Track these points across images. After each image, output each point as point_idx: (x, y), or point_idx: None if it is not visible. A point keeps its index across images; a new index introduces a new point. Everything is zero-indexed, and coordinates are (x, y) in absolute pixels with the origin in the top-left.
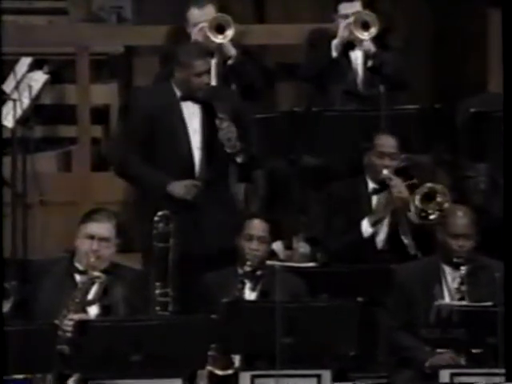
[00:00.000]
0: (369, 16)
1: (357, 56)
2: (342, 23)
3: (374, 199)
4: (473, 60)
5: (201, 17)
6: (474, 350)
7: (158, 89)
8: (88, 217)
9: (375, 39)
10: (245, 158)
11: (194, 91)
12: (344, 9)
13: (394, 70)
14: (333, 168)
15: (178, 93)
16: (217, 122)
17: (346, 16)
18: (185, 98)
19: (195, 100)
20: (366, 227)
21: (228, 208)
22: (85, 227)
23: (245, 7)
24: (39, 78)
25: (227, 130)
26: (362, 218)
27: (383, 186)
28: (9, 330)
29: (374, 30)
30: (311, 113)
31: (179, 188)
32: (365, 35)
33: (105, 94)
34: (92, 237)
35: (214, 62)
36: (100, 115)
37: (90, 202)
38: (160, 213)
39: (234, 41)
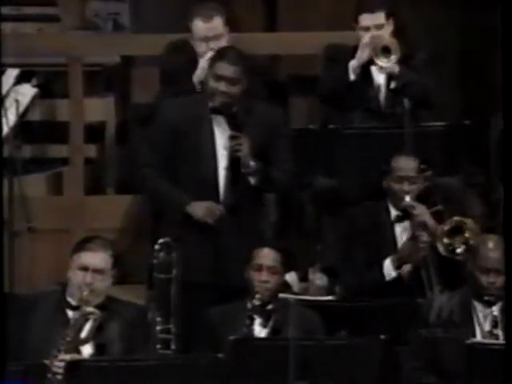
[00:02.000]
0: (390, 41)
1: (378, 73)
2: (361, 43)
3: (398, 228)
4: None
5: (208, 31)
6: None
7: (189, 100)
8: (81, 246)
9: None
10: (258, 180)
11: (213, 96)
12: (365, 20)
13: (418, 89)
14: (351, 191)
15: (210, 104)
16: (228, 138)
17: (368, 28)
18: (214, 111)
19: (224, 114)
20: (388, 269)
21: (250, 237)
22: (78, 257)
23: (254, 15)
24: (27, 91)
25: (235, 147)
26: (384, 248)
27: (406, 213)
28: None
29: (395, 57)
30: (327, 130)
31: (200, 209)
32: (385, 62)
33: (100, 109)
34: (86, 268)
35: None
36: (94, 133)
37: (84, 229)
38: (161, 240)
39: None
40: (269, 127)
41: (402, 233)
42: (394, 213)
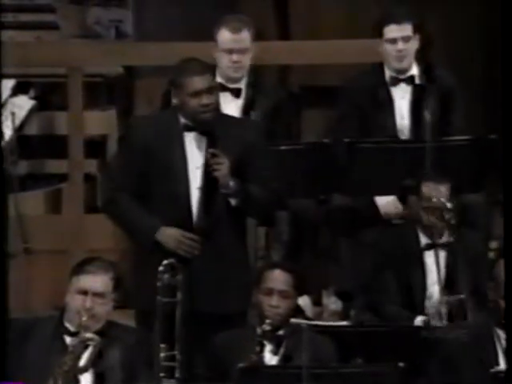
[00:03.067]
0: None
1: (402, 88)
2: (388, 59)
3: (428, 257)
4: None
5: (234, 43)
6: None
7: (160, 116)
8: (80, 268)
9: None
10: (240, 201)
11: (194, 116)
12: (391, 32)
13: (442, 106)
14: (369, 210)
15: (182, 120)
16: (207, 155)
17: (394, 40)
18: (188, 128)
19: (198, 131)
20: (417, 322)
21: (229, 264)
22: (77, 280)
23: (267, 23)
24: (24, 103)
25: (214, 166)
26: (412, 278)
27: (437, 242)
28: None
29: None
30: (343, 144)
31: (171, 240)
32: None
33: (101, 122)
34: (85, 292)
35: (244, 82)
36: (95, 147)
37: (83, 249)
38: (165, 262)
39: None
40: (246, 142)
41: (432, 262)
42: (423, 240)
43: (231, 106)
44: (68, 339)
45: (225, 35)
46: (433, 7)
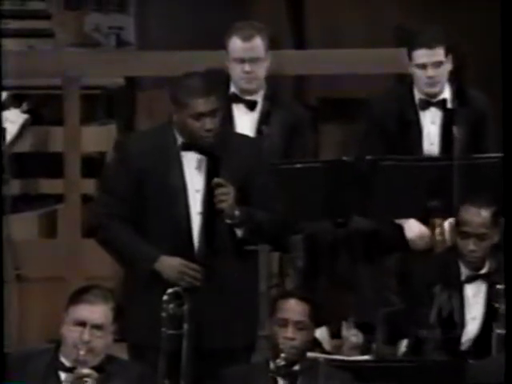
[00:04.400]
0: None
1: (432, 112)
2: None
3: (468, 290)
4: None
5: (245, 52)
6: None
7: (154, 134)
8: (78, 297)
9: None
10: (246, 231)
11: (196, 139)
12: (422, 57)
13: (474, 132)
14: (392, 234)
15: (180, 140)
16: (212, 185)
17: (424, 66)
18: (186, 147)
19: (198, 150)
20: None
21: (233, 297)
22: (73, 311)
23: (281, 30)
24: (16, 118)
25: (220, 197)
26: (453, 311)
27: (479, 274)
28: None
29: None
30: (364, 162)
31: (171, 271)
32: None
33: (100, 138)
34: (83, 323)
35: (260, 95)
36: (93, 166)
37: (81, 277)
38: (170, 290)
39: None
40: (247, 162)
41: (473, 295)
42: (464, 271)
43: (245, 119)
44: (63, 375)
45: (236, 43)
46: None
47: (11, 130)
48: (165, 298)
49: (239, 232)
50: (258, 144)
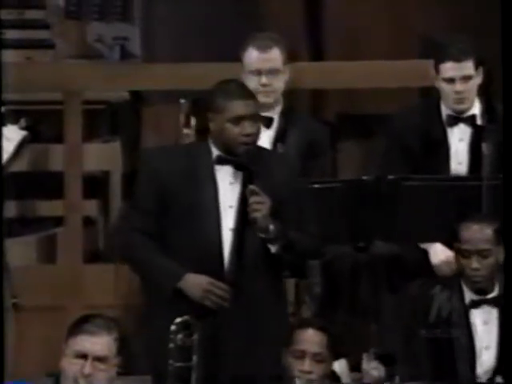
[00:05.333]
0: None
1: (460, 129)
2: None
3: (475, 315)
4: None
5: (262, 63)
6: None
7: (188, 147)
8: (78, 327)
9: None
10: (280, 248)
11: (233, 146)
12: (449, 71)
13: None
14: (416, 259)
15: (215, 153)
16: (246, 193)
17: (452, 80)
18: (221, 161)
19: (233, 164)
20: None
21: (272, 317)
22: (74, 342)
23: (297, 41)
24: (14, 135)
25: (254, 206)
26: (457, 340)
27: (484, 298)
28: None
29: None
30: (385, 182)
31: (196, 289)
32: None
33: (103, 156)
34: (84, 356)
35: (277, 111)
36: (96, 186)
37: (82, 305)
38: (179, 319)
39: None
40: (281, 180)
41: (483, 322)
42: (468, 296)
43: (261, 137)
44: None
45: (252, 54)
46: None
47: (8, 148)
48: (173, 327)
49: (273, 248)
50: (292, 162)
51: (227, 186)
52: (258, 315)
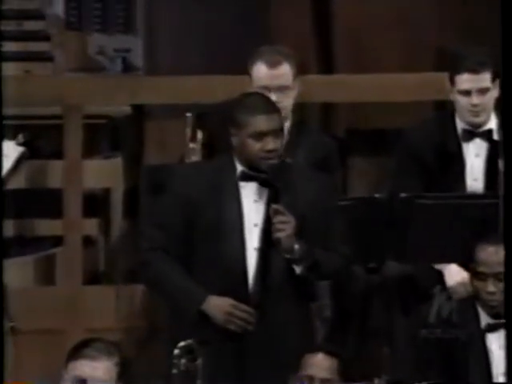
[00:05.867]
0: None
1: (476, 144)
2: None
3: (491, 340)
4: None
5: (271, 79)
6: None
7: (210, 164)
8: (78, 352)
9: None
10: (305, 269)
11: (255, 162)
12: (465, 83)
13: None
14: (431, 281)
15: (239, 169)
16: (270, 212)
17: (468, 92)
18: (245, 177)
19: (258, 180)
20: None
21: (298, 341)
22: (73, 367)
23: (306, 53)
24: (11, 151)
25: (278, 226)
26: (473, 366)
27: (501, 322)
28: None
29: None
30: (398, 200)
31: (219, 312)
32: None
33: (104, 173)
34: (83, 381)
35: (286, 126)
36: (96, 204)
37: (82, 329)
38: (182, 343)
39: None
40: (310, 197)
41: (500, 347)
42: (484, 319)
43: None
44: None
45: (260, 70)
46: None
47: (5, 164)
48: (176, 352)
49: (298, 269)
50: (321, 177)
51: (252, 204)
52: (282, 339)
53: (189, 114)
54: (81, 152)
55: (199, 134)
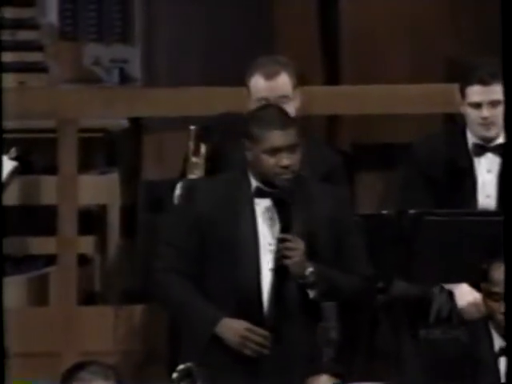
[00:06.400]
0: None
1: (488, 159)
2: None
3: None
4: None
5: (269, 91)
6: None
7: (226, 179)
8: (72, 375)
9: None
10: (319, 294)
11: (270, 178)
12: (476, 95)
13: None
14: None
15: (254, 184)
16: (276, 240)
17: (479, 105)
18: (260, 193)
19: (272, 196)
20: None
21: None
22: None
23: (311, 63)
24: (3, 165)
25: (285, 253)
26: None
27: None
28: None
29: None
30: (406, 217)
31: (234, 335)
32: None
33: (99, 189)
34: None
35: None
36: (92, 221)
37: (77, 351)
38: (181, 366)
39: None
40: (329, 213)
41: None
42: (498, 342)
43: None
44: None
45: (258, 82)
46: None
47: None
48: (174, 375)
49: (311, 293)
50: (341, 194)
51: (267, 221)
52: (294, 361)
53: (192, 127)
54: (76, 167)
55: (203, 148)
